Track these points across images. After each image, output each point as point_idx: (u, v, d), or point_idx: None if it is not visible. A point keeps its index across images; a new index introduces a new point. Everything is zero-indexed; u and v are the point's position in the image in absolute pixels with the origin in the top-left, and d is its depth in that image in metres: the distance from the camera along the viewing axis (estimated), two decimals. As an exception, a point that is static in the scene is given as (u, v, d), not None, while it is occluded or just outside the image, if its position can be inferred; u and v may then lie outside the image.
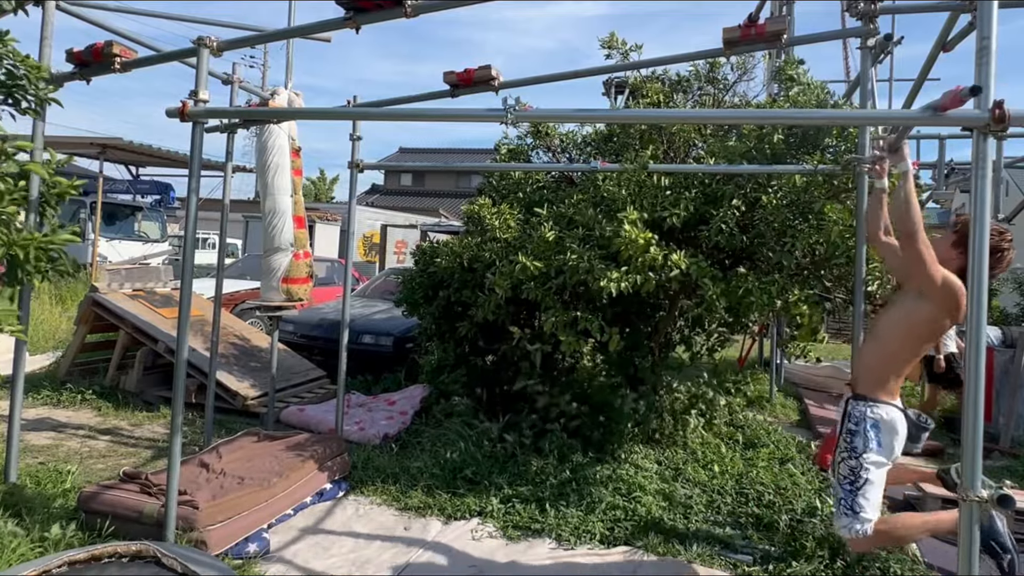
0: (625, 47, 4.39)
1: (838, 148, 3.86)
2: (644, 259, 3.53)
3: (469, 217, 4.90)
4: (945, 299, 2.41)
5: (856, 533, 2.52)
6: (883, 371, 2.58)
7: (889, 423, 2.55)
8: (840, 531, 2.58)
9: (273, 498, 3.34)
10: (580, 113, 2.99)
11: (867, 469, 2.52)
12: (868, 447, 2.53)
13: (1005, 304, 11.69)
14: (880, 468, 2.55)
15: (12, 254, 2.56)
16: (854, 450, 2.55)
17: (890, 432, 2.55)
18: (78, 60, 3.46)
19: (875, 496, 2.53)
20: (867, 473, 2.52)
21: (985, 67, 2.01)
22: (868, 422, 2.54)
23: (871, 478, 2.52)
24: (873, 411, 2.55)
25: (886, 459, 2.56)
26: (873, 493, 2.53)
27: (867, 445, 2.53)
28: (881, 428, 2.54)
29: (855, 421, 2.57)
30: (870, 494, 2.52)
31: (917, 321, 2.50)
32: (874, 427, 2.53)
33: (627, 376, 4.58)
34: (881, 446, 2.53)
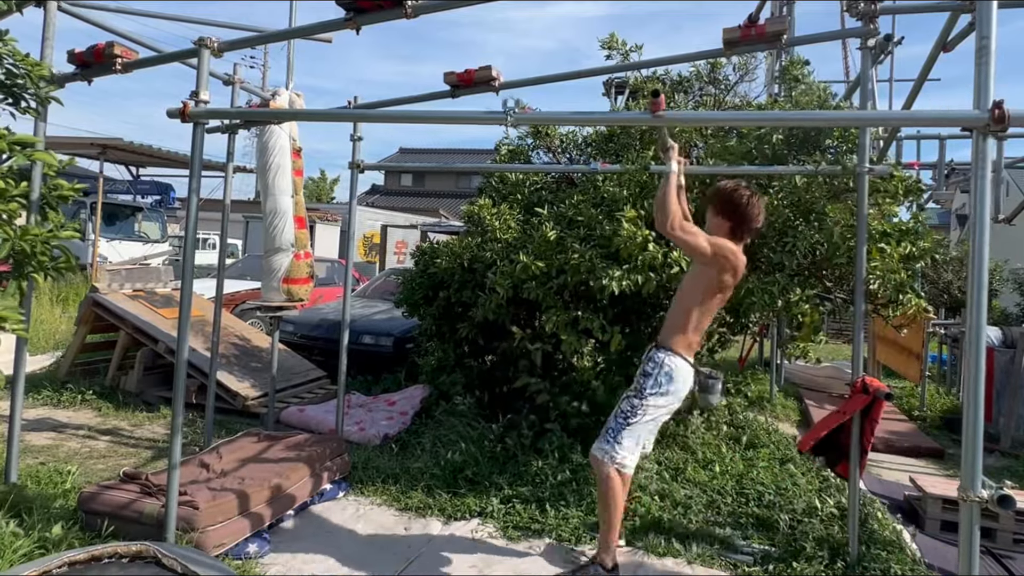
0: (625, 48, 4.40)
1: (839, 148, 3.87)
2: (644, 257, 3.53)
3: (469, 217, 4.90)
4: (718, 262, 2.74)
5: (605, 457, 2.76)
6: (683, 326, 2.86)
7: (680, 373, 2.82)
8: (594, 451, 2.82)
9: (273, 498, 3.34)
10: (580, 115, 2.99)
11: (645, 410, 2.78)
12: (655, 391, 2.79)
13: (1005, 304, 11.69)
14: (658, 411, 2.82)
15: (17, 249, 2.56)
16: (641, 390, 2.81)
17: (679, 382, 2.82)
18: (79, 61, 3.47)
19: (639, 438, 2.80)
20: (644, 414, 2.78)
21: (985, 67, 2.02)
22: (663, 368, 2.80)
23: (645, 419, 2.79)
24: (670, 359, 2.82)
25: (666, 404, 2.83)
26: (639, 433, 2.80)
27: (655, 389, 2.79)
28: (673, 377, 2.80)
29: (652, 365, 2.84)
30: (636, 432, 2.79)
31: (702, 282, 2.82)
32: (667, 375, 2.79)
33: (627, 376, 4.57)
34: (666, 393, 2.79)
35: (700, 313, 2.86)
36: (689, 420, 4.90)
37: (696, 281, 2.86)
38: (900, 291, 3.41)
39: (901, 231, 3.55)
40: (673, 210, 2.67)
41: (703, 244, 2.72)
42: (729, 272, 2.79)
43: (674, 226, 2.68)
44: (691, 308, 2.85)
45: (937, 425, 6.37)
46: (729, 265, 2.77)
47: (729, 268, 2.78)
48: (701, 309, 2.86)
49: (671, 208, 2.68)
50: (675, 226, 2.68)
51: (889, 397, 2.95)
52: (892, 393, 3.01)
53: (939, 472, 4.97)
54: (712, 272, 2.79)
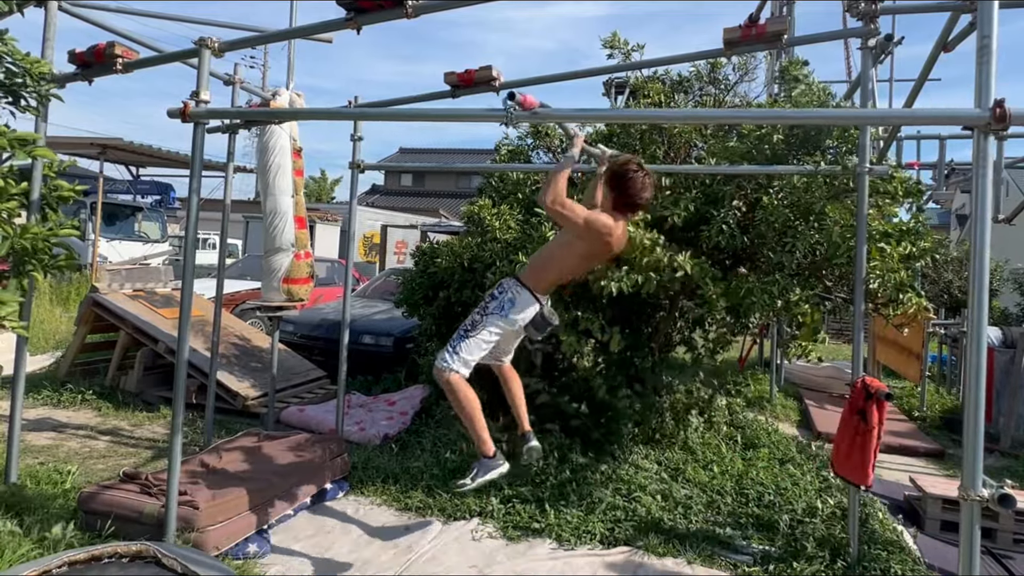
0: (627, 47, 4.39)
1: (839, 148, 3.86)
2: (649, 260, 3.53)
3: (469, 217, 4.90)
4: (592, 232, 2.90)
5: (444, 364, 2.92)
6: (543, 269, 3.05)
7: (522, 305, 3.00)
8: (437, 362, 2.97)
9: (273, 498, 3.34)
10: (580, 113, 2.99)
11: (483, 328, 2.96)
12: (496, 311, 2.98)
13: (1005, 304, 11.69)
14: (495, 330, 2.99)
15: (17, 248, 2.56)
16: (485, 308, 3.01)
17: (519, 311, 2.99)
18: (80, 61, 3.47)
19: (476, 351, 2.96)
20: (482, 330, 2.96)
21: (986, 66, 2.02)
22: (508, 295, 3.00)
23: (483, 336, 2.96)
24: (516, 290, 3.01)
25: (503, 328, 3.00)
26: (476, 346, 2.96)
27: (495, 311, 2.98)
28: (515, 304, 2.98)
29: (499, 289, 3.05)
30: (474, 346, 2.95)
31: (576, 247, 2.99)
32: (511, 301, 2.98)
33: (627, 376, 4.58)
34: (505, 317, 2.97)
35: (567, 270, 3.08)
36: (689, 420, 4.90)
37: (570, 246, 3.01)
38: (900, 290, 3.41)
39: (901, 231, 3.54)
40: (558, 188, 2.82)
41: (578, 218, 2.88)
42: (599, 244, 2.96)
43: (554, 201, 2.82)
44: (557, 261, 3.05)
45: (937, 425, 6.37)
46: (600, 240, 2.93)
47: (599, 242, 2.94)
48: (570, 267, 3.08)
49: (555, 188, 2.82)
50: (555, 202, 2.83)
51: (889, 397, 2.94)
52: (892, 393, 3.00)
53: (939, 472, 4.97)
54: (583, 243, 2.96)
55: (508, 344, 3.20)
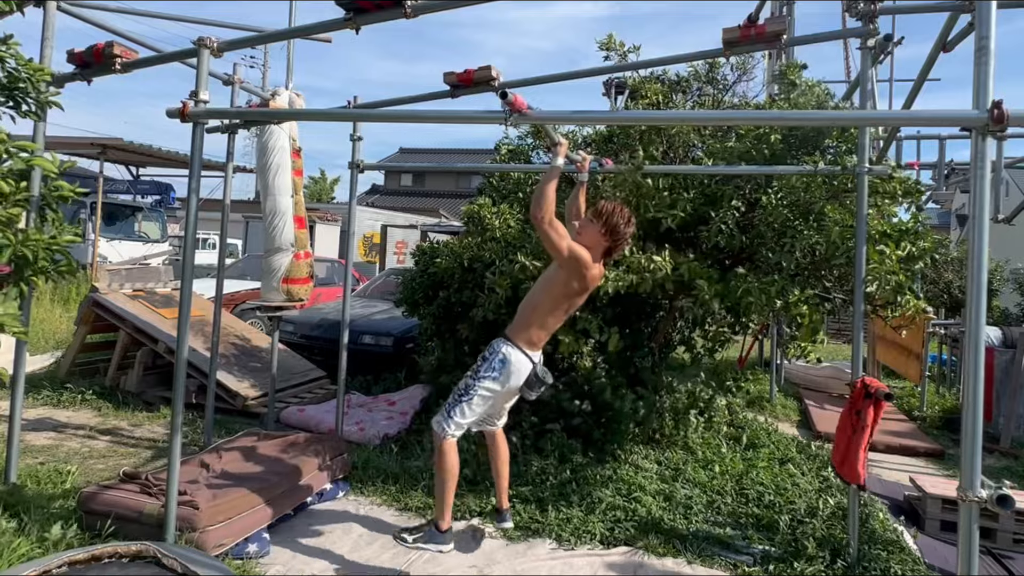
0: (623, 48, 4.39)
1: (838, 149, 3.86)
2: (630, 262, 3.55)
3: (469, 217, 4.90)
4: (571, 266, 2.89)
5: (441, 430, 2.95)
6: (527, 321, 3.02)
7: (516, 365, 2.96)
8: (433, 424, 3.00)
9: (273, 498, 3.34)
10: (580, 115, 2.99)
11: (476, 393, 2.95)
12: (488, 375, 2.95)
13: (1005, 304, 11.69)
14: (489, 394, 2.97)
15: (19, 255, 2.57)
16: (477, 371, 2.98)
17: (513, 373, 2.96)
18: (79, 61, 3.46)
19: (469, 415, 2.96)
20: (475, 397, 2.95)
21: (984, 67, 2.02)
22: (499, 356, 2.97)
23: (475, 401, 2.95)
24: (508, 350, 2.98)
25: (495, 391, 2.98)
26: (470, 411, 2.95)
27: (488, 373, 2.95)
28: (507, 365, 2.95)
29: (491, 352, 3.01)
30: (468, 411, 2.95)
31: (554, 283, 2.98)
32: (501, 362, 2.96)
33: (627, 376, 4.58)
34: (497, 379, 2.95)
35: (546, 313, 3.01)
36: (689, 420, 4.90)
37: (550, 283, 3.00)
38: (898, 292, 3.41)
39: (901, 231, 3.55)
40: (548, 204, 2.79)
41: (563, 245, 2.85)
42: (577, 279, 2.93)
43: (544, 220, 2.79)
44: (539, 306, 3.01)
45: (937, 425, 6.37)
46: (578, 273, 2.92)
47: (577, 276, 2.92)
48: (548, 309, 3.01)
49: (547, 201, 2.79)
50: (546, 220, 2.80)
51: (889, 397, 2.95)
52: (892, 393, 3.00)
53: (939, 472, 4.97)
54: (563, 275, 2.94)
55: (501, 406, 3.17)
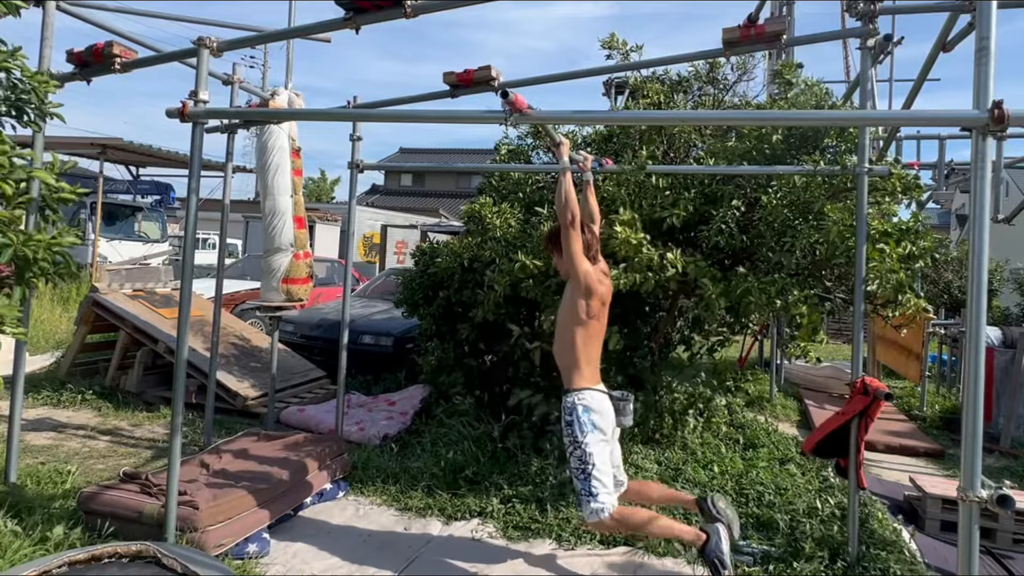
0: (625, 47, 4.39)
1: (838, 148, 3.86)
2: (640, 259, 3.54)
3: (470, 216, 4.90)
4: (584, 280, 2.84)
5: (599, 516, 2.71)
6: (572, 362, 2.89)
7: (595, 404, 2.83)
8: (587, 517, 2.75)
9: (273, 498, 3.34)
10: (580, 114, 2.99)
11: (591, 453, 2.76)
12: (585, 432, 2.78)
13: (1005, 304, 11.69)
14: (602, 445, 2.81)
15: (20, 255, 2.57)
16: (576, 440, 2.79)
17: (600, 412, 2.83)
18: (78, 61, 3.47)
19: (606, 475, 2.78)
20: (593, 457, 2.76)
21: (984, 67, 2.02)
22: (579, 410, 2.81)
23: (597, 460, 2.76)
24: (579, 399, 2.83)
25: (603, 438, 2.82)
26: (603, 472, 2.77)
27: (583, 430, 2.78)
28: (591, 410, 2.81)
29: (568, 412, 2.84)
30: (601, 474, 2.75)
31: (576, 311, 2.88)
32: (585, 412, 2.80)
33: (627, 376, 4.58)
34: (596, 427, 2.80)
35: (584, 342, 2.89)
36: (688, 420, 4.90)
37: (573, 316, 2.90)
38: (899, 291, 3.41)
39: (901, 231, 3.54)
40: (573, 203, 2.78)
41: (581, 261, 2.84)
42: (595, 298, 2.88)
43: (574, 222, 2.78)
44: (574, 341, 2.89)
45: (937, 425, 6.37)
46: (589, 287, 2.86)
47: (594, 294, 2.87)
48: (584, 338, 2.89)
49: (572, 201, 2.79)
50: (575, 223, 2.78)
51: (888, 397, 2.95)
52: (892, 393, 3.01)
53: (939, 472, 4.97)
54: (581, 298, 2.87)
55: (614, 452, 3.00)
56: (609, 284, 3.05)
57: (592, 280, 2.88)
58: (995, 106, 1.96)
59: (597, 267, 3.00)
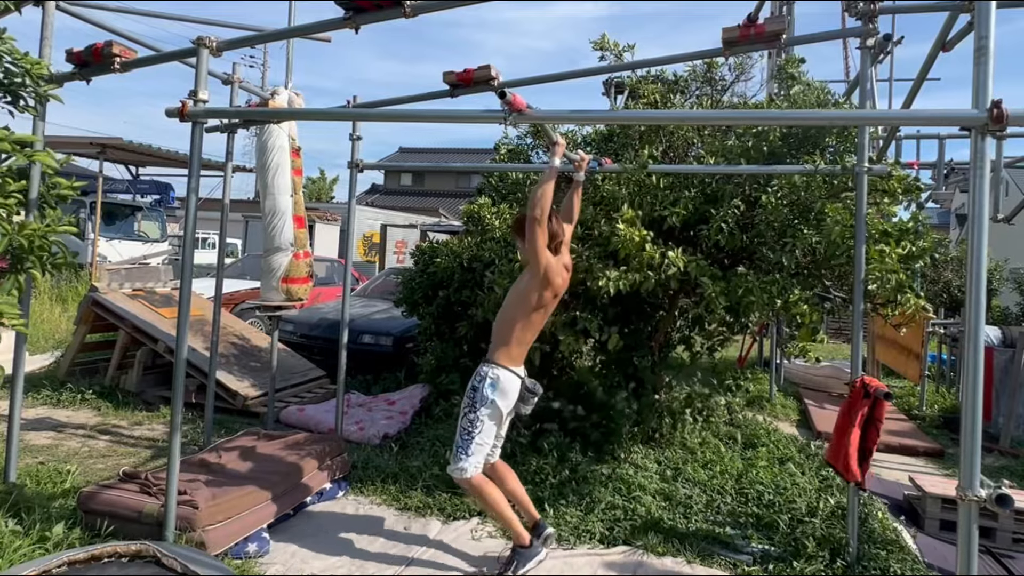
0: (617, 48, 4.39)
1: (837, 148, 3.86)
2: (641, 258, 3.54)
3: (469, 216, 4.90)
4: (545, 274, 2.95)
5: (463, 474, 2.93)
6: (505, 339, 3.03)
7: (504, 383, 2.98)
8: (453, 470, 2.97)
9: (273, 498, 3.34)
10: (579, 114, 2.99)
11: (481, 422, 2.96)
12: (483, 402, 2.96)
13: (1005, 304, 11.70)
14: (493, 420, 2.99)
15: (16, 245, 2.57)
16: (473, 406, 2.98)
17: (505, 391, 2.98)
18: (78, 60, 3.46)
19: (484, 446, 2.98)
20: (481, 427, 2.96)
21: (983, 67, 2.02)
22: (487, 382, 2.97)
23: (484, 430, 2.96)
24: (492, 373, 2.98)
25: (498, 413, 2.99)
26: (483, 442, 2.97)
27: (483, 402, 2.96)
28: (497, 387, 2.96)
29: (478, 379, 3.00)
30: (480, 443, 2.96)
31: (527, 295, 3.00)
32: (491, 386, 2.96)
33: (626, 376, 4.58)
34: (494, 403, 2.96)
35: (523, 327, 3.02)
36: (688, 419, 4.90)
37: (522, 297, 3.02)
38: (899, 291, 3.42)
39: (901, 231, 3.55)
40: (545, 205, 2.86)
41: (544, 253, 2.93)
42: (548, 287, 2.99)
43: (538, 220, 2.85)
44: (515, 322, 3.02)
45: (936, 424, 6.37)
46: (548, 281, 2.98)
47: (548, 284, 2.98)
48: (524, 323, 3.02)
49: (545, 202, 2.86)
50: (539, 221, 2.85)
51: (888, 396, 2.95)
52: (891, 392, 3.00)
53: (938, 471, 4.97)
54: (536, 285, 2.97)
55: (501, 431, 3.13)
56: (567, 278, 3.13)
57: (551, 272, 2.97)
58: (994, 105, 1.96)
59: (559, 259, 3.07)
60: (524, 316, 3.01)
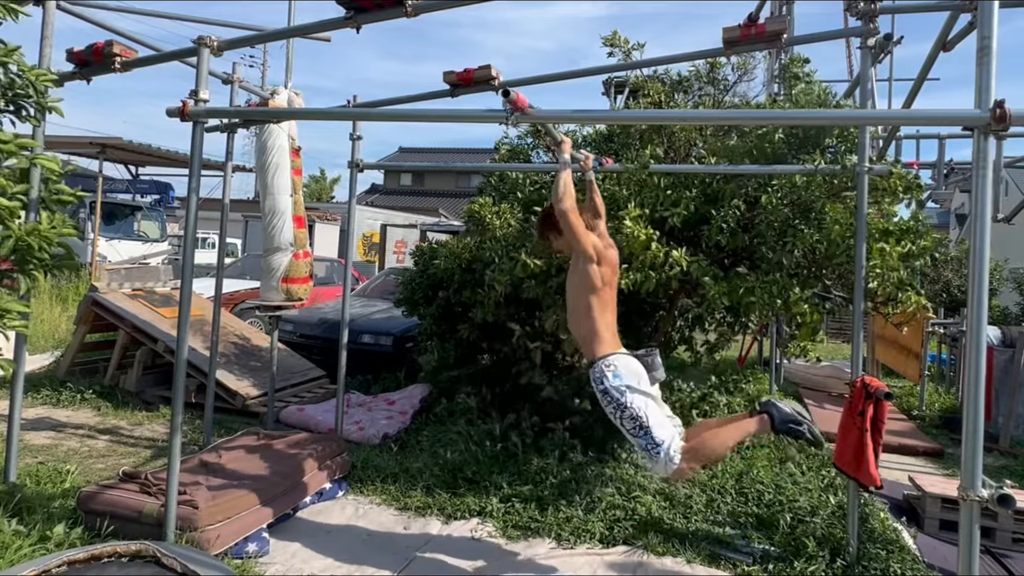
0: (627, 46, 4.39)
1: (838, 147, 3.86)
2: (645, 257, 3.53)
3: (470, 216, 4.90)
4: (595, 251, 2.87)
5: (670, 465, 2.65)
6: (590, 333, 2.88)
7: (622, 367, 2.78)
8: (662, 472, 2.72)
9: (273, 498, 3.34)
10: (580, 114, 2.99)
11: (638, 407, 2.69)
12: (624, 393, 2.72)
13: (1005, 304, 11.70)
14: (646, 399, 2.74)
15: (23, 243, 2.58)
16: (618, 403, 2.72)
17: (628, 370, 2.78)
18: (78, 60, 3.46)
19: (666, 426, 2.73)
20: (641, 410, 2.69)
21: (986, 67, 2.02)
22: (608, 376, 2.75)
23: (648, 412, 2.70)
24: (603, 365, 2.79)
25: (644, 392, 2.76)
26: (658, 421, 2.71)
27: (621, 392, 2.72)
28: (620, 374, 2.75)
29: (598, 383, 2.79)
30: (658, 424, 2.70)
31: (587, 280, 2.89)
32: (614, 375, 2.75)
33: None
34: (631, 388, 2.73)
35: (600, 310, 2.90)
36: (690, 419, 4.90)
37: (584, 285, 2.91)
38: (900, 289, 3.42)
39: (901, 230, 3.55)
40: (570, 193, 2.80)
41: (585, 235, 2.87)
42: (606, 264, 2.92)
43: (569, 210, 2.79)
44: (590, 310, 2.89)
45: (936, 424, 6.37)
46: (603, 257, 2.92)
47: (604, 260, 2.91)
48: (599, 306, 2.90)
49: (569, 190, 2.80)
50: (570, 210, 2.79)
51: (889, 396, 2.95)
52: (891, 392, 3.00)
53: (938, 471, 4.97)
54: (592, 269, 2.88)
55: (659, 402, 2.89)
56: (616, 251, 3.08)
57: (600, 249, 2.91)
58: (997, 105, 1.95)
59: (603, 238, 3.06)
60: (596, 299, 2.90)
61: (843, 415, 3.18)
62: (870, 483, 2.97)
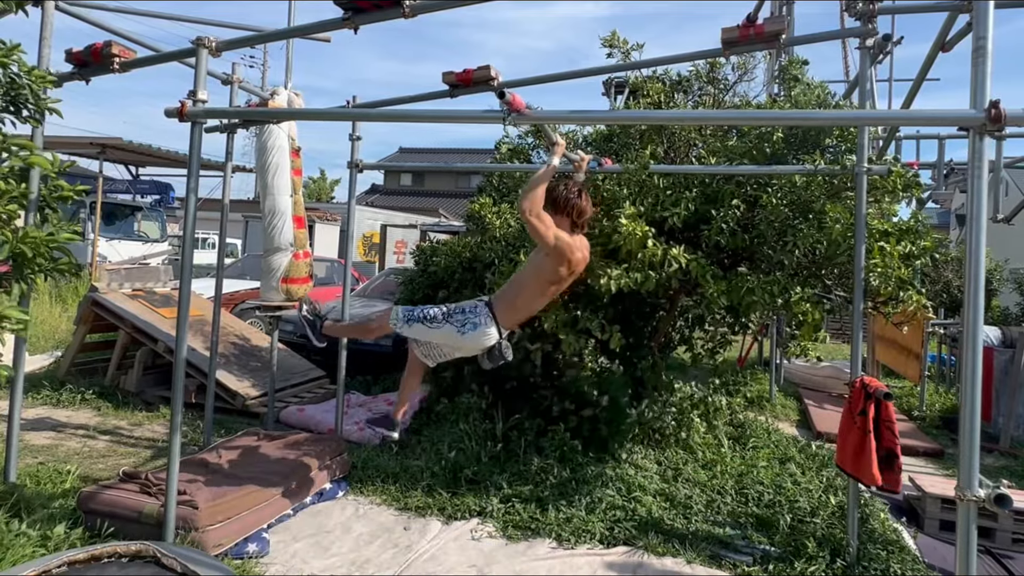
0: (627, 46, 4.39)
1: (838, 148, 3.86)
2: (643, 255, 3.53)
3: (470, 216, 4.90)
4: (558, 254, 3.04)
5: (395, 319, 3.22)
6: (513, 300, 3.17)
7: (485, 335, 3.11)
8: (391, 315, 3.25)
9: (273, 498, 3.35)
10: (579, 114, 2.99)
11: (438, 327, 3.14)
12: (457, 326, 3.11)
13: (1005, 304, 11.69)
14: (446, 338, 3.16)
15: (18, 252, 2.57)
16: (451, 315, 3.15)
17: (476, 338, 3.12)
18: (77, 60, 3.46)
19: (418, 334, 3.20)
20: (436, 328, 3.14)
21: (982, 67, 2.02)
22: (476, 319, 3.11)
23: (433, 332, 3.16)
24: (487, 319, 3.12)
25: (451, 341, 3.16)
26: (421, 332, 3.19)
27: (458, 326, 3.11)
28: (476, 329, 3.11)
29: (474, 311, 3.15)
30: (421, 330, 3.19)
31: (542, 269, 3.11)
32: (474, 325, 3.11)
33: (630, 376, 4.58)
34: (461, 335, 3.11)
35: (533, 296, 3.17)
36: (689, 420, 4.90)
37: (538, 270, 3.14)
38: (901, 288, 3.42)
39: (901, 230, 3.55)
40: (537, 199, 2.93)
41: (550, 235, 2.99)
42: (563, 264, 3.08)
43: (532, 212, 2.92)
44: (526, 288, 3.16)
45: (936, 424, 6.38)
46: (565, 259, 3.07)
47: (565, 262, 3.07)
48: (535, 293, 3.16)
49: (537, 197, 2.93)
50: (533, 212, 2.92)
51: (888, 397, 2.95)
52: (891, 392, 3.00)
53: (938, 471, 4.97)
54: (550, 263, 3.07)
55: (443, 352, 3.27)
56: (586, 255, 3.23)
57: (565, 247, 3.04)
58: (992, 106, 1.96)
59: (575, 238, 3.14)
60: (537, 287, 3.13)
61: (843, 415, 3.18)
62: (871, 482, 2.97)
